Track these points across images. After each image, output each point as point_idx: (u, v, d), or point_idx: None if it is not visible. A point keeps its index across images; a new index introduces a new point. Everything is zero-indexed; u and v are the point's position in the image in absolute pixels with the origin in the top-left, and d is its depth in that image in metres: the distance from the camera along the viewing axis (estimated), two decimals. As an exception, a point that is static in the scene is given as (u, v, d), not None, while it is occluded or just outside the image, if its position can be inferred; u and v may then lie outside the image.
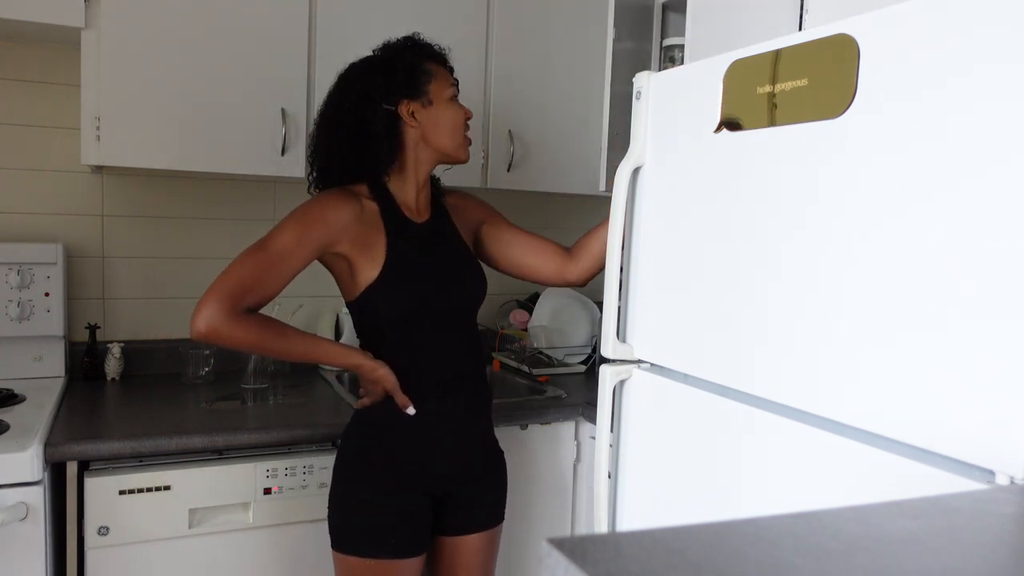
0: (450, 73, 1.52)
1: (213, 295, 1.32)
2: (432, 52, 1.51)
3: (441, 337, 1.47)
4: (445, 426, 1.47)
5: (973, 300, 0.82)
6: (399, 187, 1.49)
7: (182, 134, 1.85)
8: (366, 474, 1.44)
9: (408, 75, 1.45)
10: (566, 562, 0.44)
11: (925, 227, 0.87)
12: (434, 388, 1.46)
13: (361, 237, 1.41)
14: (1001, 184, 0.80)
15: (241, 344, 1.34)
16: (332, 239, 1.39)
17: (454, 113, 1.48)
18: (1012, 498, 0.65)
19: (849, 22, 0.97)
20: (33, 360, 1.99)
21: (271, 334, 1.36)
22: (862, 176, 0.95)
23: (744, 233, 1.13)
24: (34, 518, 1.46)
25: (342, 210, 1.40)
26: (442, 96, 1.47)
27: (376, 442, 1.45)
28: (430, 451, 1.46)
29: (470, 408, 1.51)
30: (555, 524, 2.03)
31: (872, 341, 0.93)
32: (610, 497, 1.44)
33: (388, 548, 1.41)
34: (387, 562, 1.41)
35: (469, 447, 1.52)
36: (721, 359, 1.18)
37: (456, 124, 1.49)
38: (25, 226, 2.05)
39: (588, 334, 2.48)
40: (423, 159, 1.49)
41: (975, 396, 0.82)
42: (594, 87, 2.30)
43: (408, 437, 1.44)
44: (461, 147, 1.50)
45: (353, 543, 1.42)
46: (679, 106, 1.28)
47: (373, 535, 1.41)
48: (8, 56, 2.01)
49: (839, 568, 0.46)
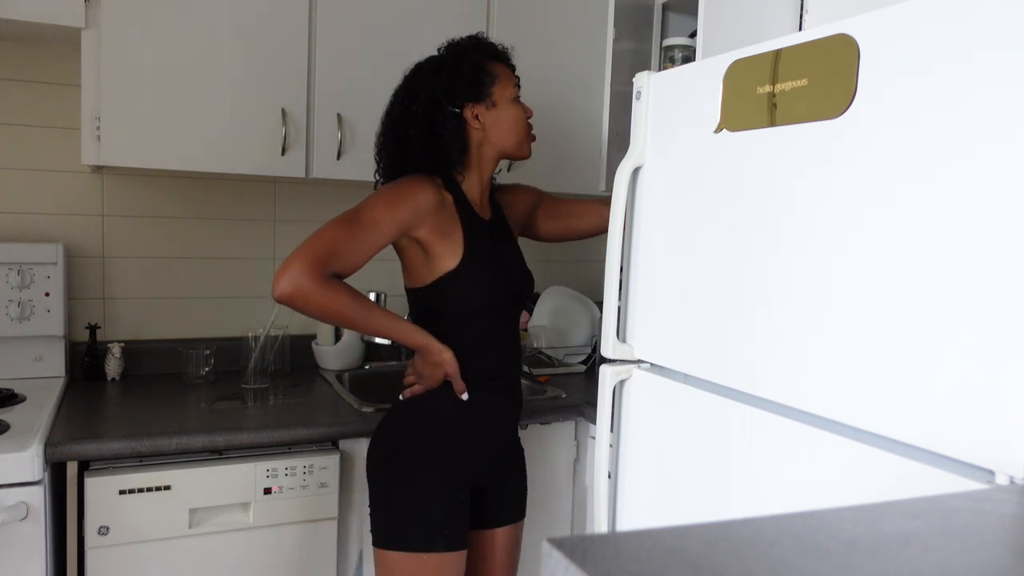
0: (512, 71, 1.55)
1: (300, 256, 1.30)
2: (496, 52, 1.54)
3: (497, 332, 1.53)
4: (491, 419, 1.52)
5: (973, 300, 0.82)
6: (468, 185, 1.53)
7: (182, 134, 1.85)
8: (413, 468, 1.46)
9: (473, 78, 1.49)
10: (566, 562, 0.44)
11: (925, 227, 0.87)
12: (486, 380, 1.51)
13: (441, 225, 1.44)
14: (1002, 184, 0.80)
15: (325, 310, 1.33)
16: (416, 220, 1.42)
17: (517, 113, 1.52)
18: (1012, 498, 0.65)
19: (849, 22, 0.97)
20: (33, 360, 1.99)
21: (356, 304, 1.36)
22: (863, 176, 0.95)
23: (744, 233, 1.13)
24: (34, 518, 1.46)
25: (429, 194, 1.43)
26: (505, 97, 1.51)
27: (422, 435, 1.48)
28: (476, 442, 1.50)
29: (512, 403, 1.57)
30: (555, 524, 2.03)
31: (872, 340, 0.93)
32: (610, 497, 1.44)
33: (442, 541, 1.43)
34: (440, 555, 1.42)
35: (506, 441, 1.58)
36: (721, 359, 1.18)
37: (519, 123, 1.53)
38: (25, 226, 2.05)
39: (588, 334, 2.48)
40: (487, 158, 1.54)
41: (975, 396, 0.82)
42: (594, 87, 2.30)
43: (457, 428, 1.48)
44: (523, 144, 1.55)
45: (404, 539, 1.42)
46: (679, 106, 1.28)
47: (425, 529, 1.42)
48: (8, 56, 2.01)
49: (839, 568, 0.46)
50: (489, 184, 1.59)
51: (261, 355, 2.05)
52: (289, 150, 1.95)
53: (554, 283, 2.69)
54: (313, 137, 1.97)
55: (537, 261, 2.71)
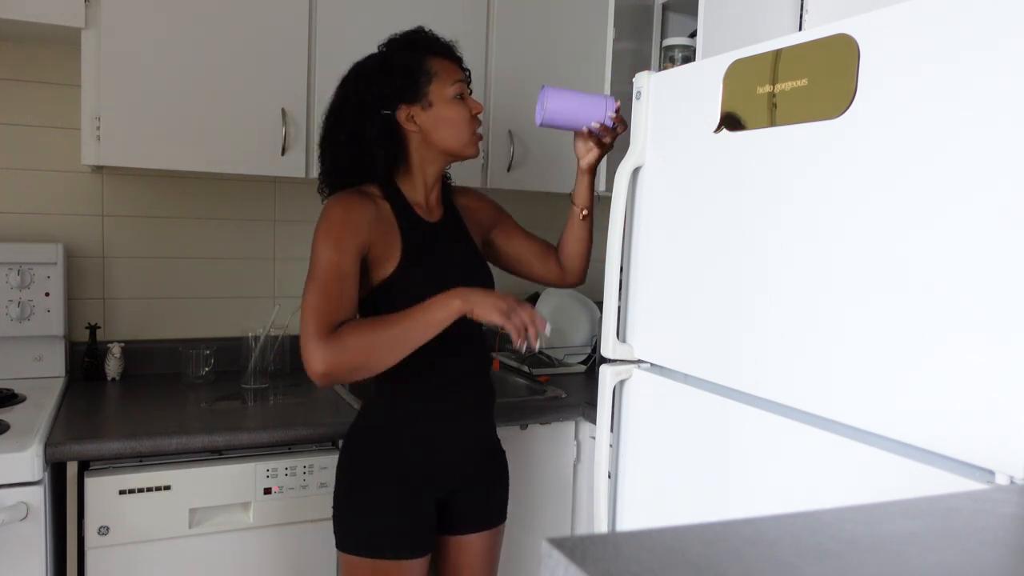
0: (458, 65, 1.48)
1: (306, 337, 1.29)
2: (436, 47, 1.47)
3: (448, 335, 1.44)
4: (449, 425, 1.46)
5: (973, 300, 0.82)
6: (409, 187, 1.48)
7: (182, 134, 1.85)
8: (370, 474, 1.44)
9: (406, 79, 1.43)
10: (566, 562, 0.44)
11: (925, 227, 0.87)
12: (439, 386, 1.46)
13: (381, 237, 1.41)
14: (1002, 185, 0.80)
15: (364, 354, 1.28)
16: (365, 238, 1.38)
17: (457, 112, 1.45)
18: (1012, 498, 0.65)
19: (849, 22, 0.97)
20: (33, 360, 1.99)
21: (376, 325, 1.30)
22: (862, 176, 0.95)
23: (744, 233, 1.14)
24: (34, 518, 1.46)
25: (359, 210, 1.39)
26: (443, 96, 1.44)
27: (379, 442, 1.45)
28: (433, 450, 1.45)
29: (474, 407, 1.50)
30: (555, 524, 2.03)
31: (872, 340, 0.93)
32: (610, 497, 1.44)
33: (392, 549, 1.41)
34: (391, 563, 1.41)
35: (473, 446, 1.51)
36: (721, 359, 1.18)
37: (459, 122, 1.45)
38: (25, 226, 2.05)
39: (588, 334, 2.48)
40: (428, 159, 1.48)
41: (975, 396, 0.82)
42: (594, 87, 2.30)
43: (412, 436, 1.44)
44: (467, 144, 1.47)
45: (357, 544, 1.42)
46: (679, 106, 1.28)
47: (376, 536, 1.41)
48: (8, 56, 2.01)
49: (839, 568, 0.46)
50: (438, 185, 1.52)
51: (261, 355, 2.05)
52: (289, 150, 1.95)
53: (554, 283, 2.69)
54: (313, 137, 1.96)
55: (537, 261, 2.71)
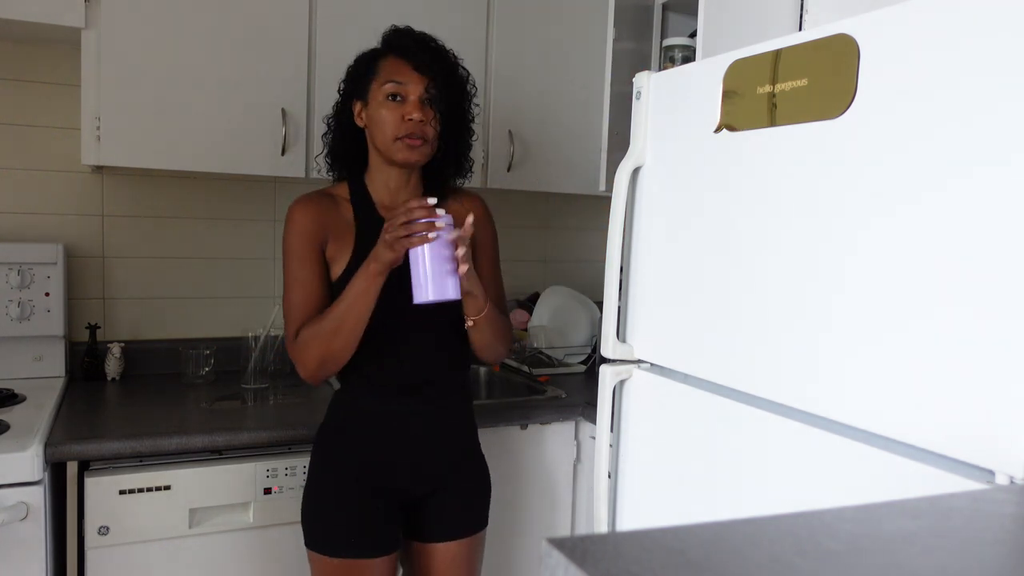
0: (417, 67, 1.39)
1: (289, 345, 1.40)
2: (394, 44, 1.42)
3: (407, 337, 1.43)
4: (409, 429, 1.44)
5: (973, 300, 0.82)
6: (373, 186, 1.48)
7: (182, 134, 1.85)
8: (330, 473, 1.44)
9: (355, 73, 1.46)
10: (566, 562, 0.44)
11: (925, 227, 0.87)
12: (397, 389, 1.44)
13: (336, 238, 1.43)
14: (1001, 184, 0.80)
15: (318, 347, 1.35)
16: (319, 240, 1.42)
17: (385, 113, 1.38)
18: (1012, 498, 0.65)
19: (849, 22, 0.97)
20: (33, 360, 1.99)
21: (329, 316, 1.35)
22: (862, 176, 0.95)
23: (744, 233, 1.13)
24: (34, 518, 1.46)
25: (312, 214, 1.42)
26: (377, 95, 1.40)
27: (338, 441, 1.45)
28: (391, 453, 1.43)
29: (441, 412, 1.47)
30: (555, 524, 2.03)
31: (872, 341, 0.93)
32: (610, 497, 1.44)
33: (352, 548, 1.41)
34: (351, 562, 1.40)
35: (441, 452, 1.47)
36: (721, 359, 1.18)
37: (385, 123, 1.38)
38: (25, 226, 2.05)
39: (588, 334, 2.48)
40: (384, 158, 1.44)
41: (975, 396, 0.82)
42: (594, 87, 2.30)
43: (368, 438, 1.43)
44: (394, 149, 1.39)
45: (319, 541, 1.42)
46: (679, 106, 1.28)
47: (336, 534, 1.41)
48: (8, 56, 2.01)
49: (839, 568, 0.46)
50: (407, 185, 1.47)
51: (261, 355, 2.05)
52: (289, 150, 1.95)
53: (554, 283, 2.69)
54: (313, 137, 1.96)
55: (537, 261, 2.71)
